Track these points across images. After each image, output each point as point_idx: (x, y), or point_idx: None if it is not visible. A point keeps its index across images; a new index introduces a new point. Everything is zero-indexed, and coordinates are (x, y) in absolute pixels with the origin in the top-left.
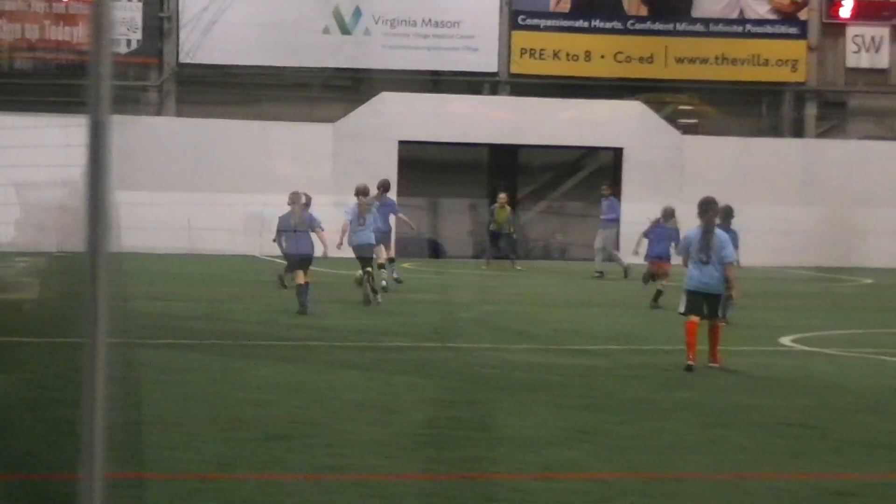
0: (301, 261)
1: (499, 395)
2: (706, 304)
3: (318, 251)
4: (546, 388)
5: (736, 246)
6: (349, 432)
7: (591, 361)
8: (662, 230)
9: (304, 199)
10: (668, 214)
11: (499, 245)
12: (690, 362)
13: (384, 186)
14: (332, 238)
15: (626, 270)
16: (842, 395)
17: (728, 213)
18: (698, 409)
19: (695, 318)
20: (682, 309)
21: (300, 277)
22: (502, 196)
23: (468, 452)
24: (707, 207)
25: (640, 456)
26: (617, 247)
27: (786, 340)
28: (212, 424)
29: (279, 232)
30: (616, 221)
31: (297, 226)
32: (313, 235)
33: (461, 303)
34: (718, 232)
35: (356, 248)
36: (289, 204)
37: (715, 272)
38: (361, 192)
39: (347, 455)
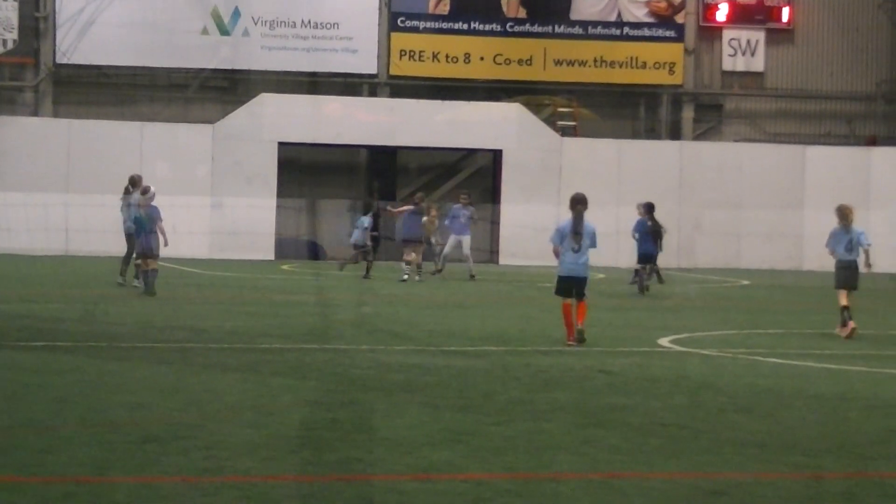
0: (151, 252)
1: (375, 396)
2: (575, 287)
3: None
4: (422, 389)
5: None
6: (226, 434)
7: (467, 363)
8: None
9: (151, 191)
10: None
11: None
12: (571, 342)
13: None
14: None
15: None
16: (715, 395)
17: (650, 208)
18: (574, 410)
19: (567, 301)
20: (556, 291)
21: (152, 264)
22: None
23: (345, 454)
24: (577, 202)
25: (515, 456)
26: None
27: (663, 341)
28: (86, 427)
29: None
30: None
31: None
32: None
33: (338, 304)
34: (586, 223)
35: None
36: (141, 194)
37: (582, 259)
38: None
39: (224, 457)
